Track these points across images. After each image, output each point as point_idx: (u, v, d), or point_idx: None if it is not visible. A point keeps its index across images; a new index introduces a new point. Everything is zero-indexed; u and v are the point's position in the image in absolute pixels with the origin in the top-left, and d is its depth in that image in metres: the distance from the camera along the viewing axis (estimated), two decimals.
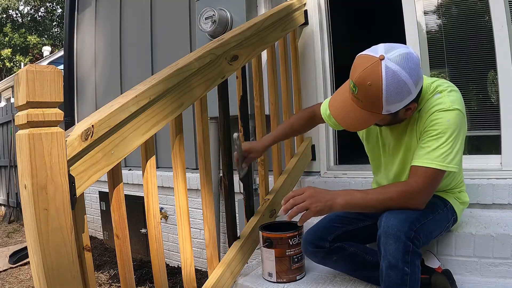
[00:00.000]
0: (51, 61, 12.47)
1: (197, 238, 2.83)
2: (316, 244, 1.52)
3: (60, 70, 1.03)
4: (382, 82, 1.13)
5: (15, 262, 3.53)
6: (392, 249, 1.20)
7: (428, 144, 1.25)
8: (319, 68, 2.33)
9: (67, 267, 1.03)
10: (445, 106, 1.24)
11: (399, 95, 1.16)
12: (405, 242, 1.20)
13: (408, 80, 1.14)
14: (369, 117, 1.22)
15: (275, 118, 2.09)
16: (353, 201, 1.28)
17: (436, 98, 1.27)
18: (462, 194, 1.53)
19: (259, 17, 1.95)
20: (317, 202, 1.25)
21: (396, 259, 1.20)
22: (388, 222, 1.23)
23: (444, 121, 1.23)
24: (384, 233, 1.23)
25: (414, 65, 1.16)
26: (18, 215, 5.66)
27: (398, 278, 1.21)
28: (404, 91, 1.15)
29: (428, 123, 1.26)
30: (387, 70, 1.13)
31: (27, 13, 20.98)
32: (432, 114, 1.25)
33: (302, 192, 1.29)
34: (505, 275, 1.47)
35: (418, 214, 1.27)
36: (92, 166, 1.15)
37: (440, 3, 2.11)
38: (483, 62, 1.99)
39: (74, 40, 4.19)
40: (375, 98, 1.16)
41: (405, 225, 1.21)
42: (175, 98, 1.44)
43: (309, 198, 1.26)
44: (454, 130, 1.23)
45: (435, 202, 1.42)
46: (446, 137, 1.22)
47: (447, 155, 1.23)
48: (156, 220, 1.39)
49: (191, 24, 2.98)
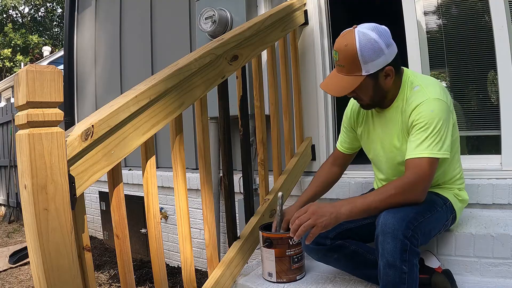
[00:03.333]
0: (51, 61, 12.47)
1: (197, 238, 2.83)
2: (317, 242, 1.53)
3: (60, 70, 1.03)
4: (356, 41, 1.30)
5: (15, 262, 3.53)
6: (390, 248, 1.22)
7: (417, 137, 1.31)
8: (319, 68, 2.33)
9: (67, 267, 1.03)
10: (425, 98, 1.33)
11: (372, 52, 1.30)
12: (402, 240, 1.21)
13: (378, 39, 1.30)
14: (352, 81, 1.33)
15: (275, 118, 2.09)
16: (356, 208, 1.30)
17: (416, 91, 1.37)
18: (462, 192, 1.54)
19: (259, 17, 1.95)
20: (322, 217, 1.27)
21: (394, 258, 1.21)
22: (385, 221, 1.24)
23: (428, 112, 1.31)
24: (382, 232, 1.24)
25: (383, 30, 1.33)
26: (18, 215, 5.66)
27: (396, 277, 1.22)
28: (376, 48, 1.30)
29: (414, 118, 1.34)
30: (359, 33, 1.31)
31: (28, 13, 20.99)
32: (414, 109, 1.34)
33: (305, 211, 1.30)
34: (505, 275, 1.47)
35: (416, 213, 1.28)
36: (92, 166, 1.15)
37: (440, 3, 2.11)
38: (483, 62, 1.99)
39: (74, 40, 4.19)
40: (352, 57, 1.31)
41: (402, 224, 1.22)
42: (175, 98, 1.44)
43: (313, 215, 1.28)
44: (440, 118, 1.30)
45: (434, 199, 1.43)
46: (432, 127, 1.29)
47: (437, 143, 1.29)
48: (156, 220, 1.39)
49: (191, 24, 2.98)
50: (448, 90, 2.13)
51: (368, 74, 1.33)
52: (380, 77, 1.35)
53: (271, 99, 2.10)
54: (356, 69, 1.32)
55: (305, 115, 2.36)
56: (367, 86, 1.36)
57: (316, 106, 2.34)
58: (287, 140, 2.19)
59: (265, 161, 2.01)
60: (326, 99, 2.34)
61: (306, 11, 2.33)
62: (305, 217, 1.28)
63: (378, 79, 1.35)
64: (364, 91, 1.38)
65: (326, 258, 1.57)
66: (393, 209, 1.28)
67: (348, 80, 1.34)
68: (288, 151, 2.20)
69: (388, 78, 1.36)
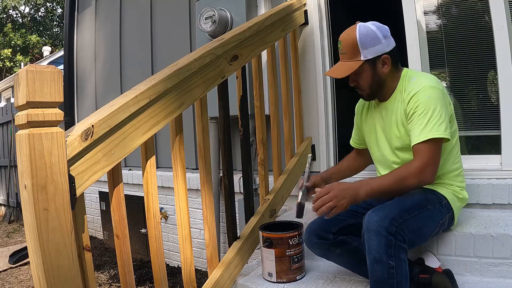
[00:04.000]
0: (51, 61, 12.45)
1: (197, 238, 2.83)
2: (320, 236, 1.56)
3: (60, 70, 1.03)
4: (356, 30, 1.49)
5: (15, 262, 3.53)
6: (375, 244, 1.26)
7: (419, 122, 1.40)
8: (319, 68, 2.33)
9: (67, 267, 1.03)
10: (421, 86, 1.44)
11: (370, 39, 1.47)
12: (386, 236, 1.26)
13: (376, 30, 1.49)
14: (353, 65, 1.49)
15: (275, 118, 2.09)
16: (373, 190, 1.38)
17: (413, 82, 1.48)
18: (462, 190, 1.55)
19: (259, 17, 1.95)
20: (343, 199, 1.35)
21: (380, 254, 1.26)
22: (369, 219, 1.30)
23: (425, 99, 1.41)
24: (367, 229, 1.29)
25: (382, 25, 1.52)
26: (18, 215, 5.66)
27: (384, 272, 1.26)
28: (373, 36, 1.48)
29: (412, 105, 1.43)
30: (359, 25, 1.51)
31: (28, 13, 20.99)
32: (412, 97, 1.44)
33: (327, 191, 1.36)
34: (505, 275, 1.47)
35: (400, 210, 1.34)
36: (92, 166, 1.15)
37: (440, 3, 2.11)
38: (483, 62, 1.99)
39: (74, 40, 4.19)
40: (352, 43, 1.48)
41: (385, 221, 1.28)
42: (175, 98, 1.44)
43: (335, 197, 1.35)
44: (436, 103, 1.40)
45: (427, 198, 1.45)
46: (431, 111, 1.39)
47: (440, 125, 1.38)
48: (156, 220, 1.39)
49: (191, 24, 2.98)
50: (448, 90, 2.14)
51: (366, 60, 1.48)
52: (378, 64, 1.50)
53: (271, 99, 2.10)
54: (356, 53, 1.49)
55: (305, 115, 2.36)
56: (366, 72, 1.50)
57: (316, 106, 2.34)
58: (287, 140, 2.19)
59: (265, 161, 2.01)
60: (326, 99, 2.34)
61: (306, 11, 2.33)
62: (328, 198, 1.35)
63: (376, 65, 1.50)
64: (363, 77, 1.52)
65: (328, 253, 1.58)
66: (378, 207, 1.35)
67: (349, 64, 1.50)
68: (288, 151, 2.20)
69: (385, 66, 1.50)
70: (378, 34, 1.49)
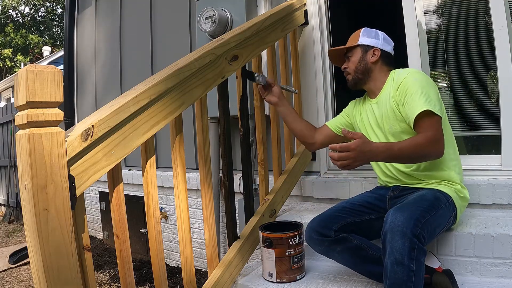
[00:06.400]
0: (51, 61, 12.45)
1: (197, 238, 2.83)
2: (321, 233, 1.55)
3: (60, 70, 1.03)
4: (362, 29, 1.71)
5: (15, 262, 3.53)
6: (399, 246, 1.23)
7: (412, 99, 1.47)
8: (319, 68, 2.33)
9: (67, 267, 1.03)
10: (408, 72, 1.56)
11: (371, 33, 1.69)
12: (411, 238, 1.23)
13: (378, 31, 1.71)
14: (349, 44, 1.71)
15: (275, 118, 2.09)
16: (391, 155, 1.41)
17: (400, 73, 1.60)
18: (464, 190, 1.56)
19: (259, 17, 1.95)
20: (359, 162, 1.37)
21: (403, 256, 1.23)
22: (394, 219, 1.27)
23: (412, 81, 1.50)
24: (391, 230, 1.26)
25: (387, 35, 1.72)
26: (18, 215, 5.66)
27: (404, 275, 1.23)
28: (373, 34, 1.69)
29: (402, 89, 1.52)
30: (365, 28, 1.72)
31: (28, 13, 20.99)
32: (401, 83, 1.53)
33: (348, 149, 1.35)
34: (505, 275, 1.47)
35: (422, 210, 1.32)
36: (92, 166, 1.15)
37: (440, 3, 2.11)
38: (483, 62, 1.99)
39: (74, 40, 4.19)
40: (356, 34, 1.71)
41: (411, 222, 1.25)
42: (175, 98, 1.44)
43: (353, 159, 1.36)
44: (423, 84, 1.49)
45: (438, 196, 1.46)
46: (420, 90, 1.47)
47: (430, 101, 1.44)
48: (156, 220, 1.39)
49: (191, 24, 2.98)
50: (448, 90, 2.14)
51: (361, 44, 1.67)
52: (368, 53, 1.66)
53: None
54: (355, 39, 1.70)
55: (305, 115, 2.36)
56: (356, 55, 1.68)
57: (316, 106, 2.34)
58: (287, 140, 2.19)
59: (265, 161, 2.01)
60: (326, 99, 2.34)
61: (306, 11, 2.33)
62: (345, 156, 1.35)
63: (366, 53, 1.67)
64: (353, 60, 1.69)
65: (329, 250, 1.58)
66: (401, 207, 1.32)
67: (347, 45, 1.72)
68: (288, 151, 2.20)
69: (374, 57, 1.65)
70: (379, 34, 1.69)
